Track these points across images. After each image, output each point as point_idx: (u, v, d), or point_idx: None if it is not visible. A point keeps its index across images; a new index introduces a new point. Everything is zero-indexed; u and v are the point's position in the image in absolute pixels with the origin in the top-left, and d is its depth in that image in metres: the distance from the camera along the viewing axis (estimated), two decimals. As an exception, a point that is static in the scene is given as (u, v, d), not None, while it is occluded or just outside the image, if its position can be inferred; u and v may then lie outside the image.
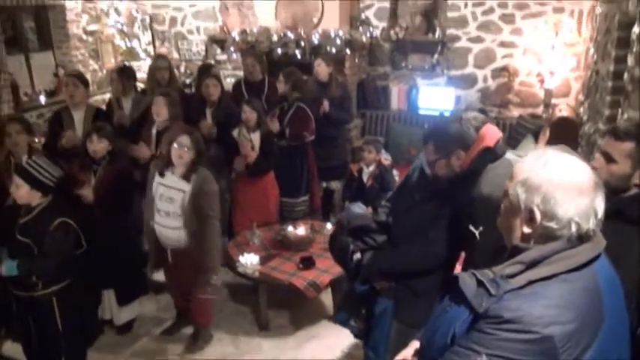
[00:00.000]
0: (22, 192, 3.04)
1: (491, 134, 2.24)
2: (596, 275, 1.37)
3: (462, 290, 1.40)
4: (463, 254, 2.53)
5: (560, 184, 1.33)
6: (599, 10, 4.75)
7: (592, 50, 4.92)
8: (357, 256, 2.68)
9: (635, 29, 2.68)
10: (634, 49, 2.69)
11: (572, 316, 1.27)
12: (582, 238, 1.35)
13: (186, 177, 3.46)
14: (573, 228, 1.33)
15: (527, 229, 1.38)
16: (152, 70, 5.13)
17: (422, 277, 2.54)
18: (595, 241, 1.38)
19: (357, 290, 3.08)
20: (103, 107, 5.12)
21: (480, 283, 1.38)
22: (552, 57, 5.94)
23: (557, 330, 1.25)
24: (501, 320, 1.29)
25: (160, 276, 4.06)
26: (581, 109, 5.06)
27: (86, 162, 3.79)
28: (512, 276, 1.35)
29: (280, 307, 4.37)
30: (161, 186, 3.55)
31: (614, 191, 2.04)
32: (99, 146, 3.72)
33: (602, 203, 1.36)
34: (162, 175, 3.56)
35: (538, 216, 1.34)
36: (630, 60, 2.76)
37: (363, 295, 2.97)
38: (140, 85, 5.68)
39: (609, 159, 2.06)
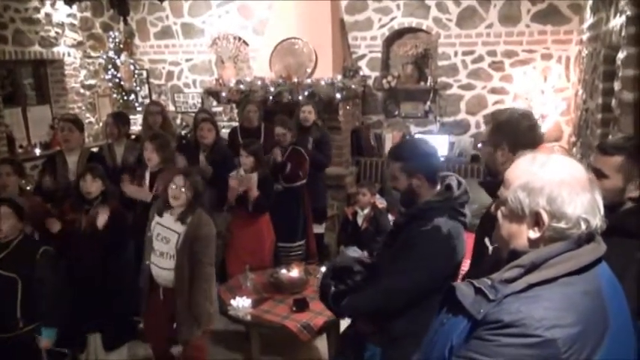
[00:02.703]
0: (10, 224, 3.03)
1: None
2: (598, 279, 1.31)
3: (460, 300, 1.34)
4: None
5: (563, 181, 1.29)
6: (585, 52, 4.86)
7: (581, 91, 5.00)
8: (332, 289, 2.61)
9: (620, 55, 2.73)
10: (620, 74, 2.73)
11: (574, 319, 1.22)
12: (590, 236, 1.31)
13: (181, 219, 3.40)
14: (583, 225, 1.28)
15: (533, 234, 1.32)
16: (145, 115, 5.19)
17: (396, 319, 2.42)
18: (596, 243, 1.34)
19: (348, 333, 3.00)
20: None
21: (477, 291, 1.33)
22: (542, 102, 6.02)
23: (559, 333, 1.19)
24: (501, 325, 1.23)
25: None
26: (574, 150, 5.09)
27: (77, 202, 3.75)
28: (512, 280, 1.30)
29: (273, 354, 4.21)
30: (158, 225, 3.51)
31: (610, 207, 2.00)
32: (93, 186, 3.70)
33: (601, 198, 1.33)
34: (160, 215, 3.52)
35: (546, 218, 1.29)
36: (617, 85, 2.79)
37: (354, 338, 2.87)
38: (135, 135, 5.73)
39: (600, 175, 2.03)
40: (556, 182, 1.29)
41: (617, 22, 2.96)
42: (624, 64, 2.64)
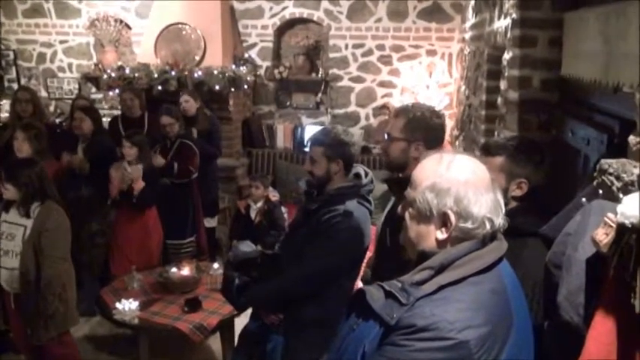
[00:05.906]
0: None
1: None
2: (501, 276, 1.34)
3: (370, 304, 1.30)
4: None
5: (469, 182, 1.30)
6: (467, 50, 5.10)
7: (463, 87, 5.25)
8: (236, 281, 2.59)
9: (506, 56, 2.86)
10: (505, 74, 2.86)
11: (484, 318, 1.22)
12: (493, 235, 1.33)
13: (25, 212, 3.15)
14: (487, 225, 1.30)
15: (441, 235, 1.32)
16: (13, 103, 4.70)
17: (305, 305, 2.45)
18: (499, 241, 1.36)
19: (249, 328, 2.93)
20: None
21: (388, 294, 1.29)
22: (428, 96, 6.26)
23: (471, 334, 1.19)
24: (415, 329, 1.20)
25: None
26: (457, 143, 5.34)
27: None
28: (422, 283, 1.28)
29: (164, 357, 4.00)
30: (4, 223, 3.23)
31: None
32: None
33: (502, 197, 1.36)
34: (7, 211, 3.25)
35: (453, 218, 1.29)
36: (503, 84, 2.93)
37: (256, 333, 2.82)
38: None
39: None
40: (462, 183, 1.30)
41: (502, 23, 3.10)
42: (510, 65, 2.77)
